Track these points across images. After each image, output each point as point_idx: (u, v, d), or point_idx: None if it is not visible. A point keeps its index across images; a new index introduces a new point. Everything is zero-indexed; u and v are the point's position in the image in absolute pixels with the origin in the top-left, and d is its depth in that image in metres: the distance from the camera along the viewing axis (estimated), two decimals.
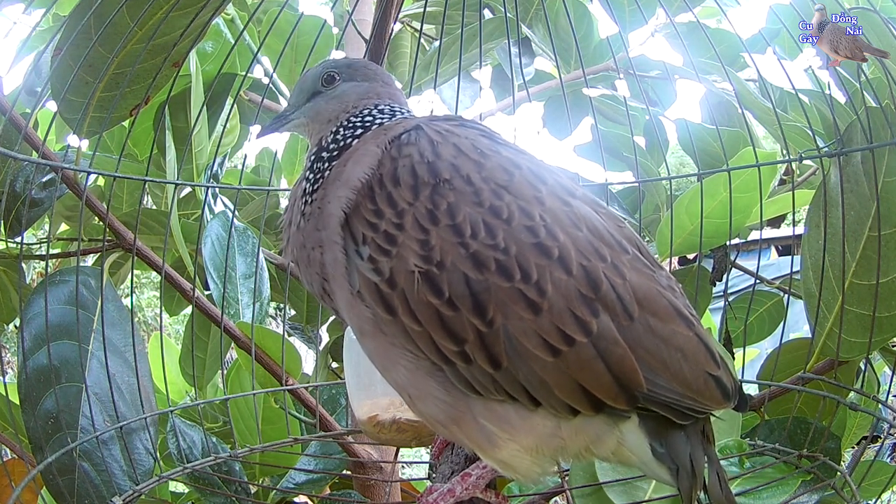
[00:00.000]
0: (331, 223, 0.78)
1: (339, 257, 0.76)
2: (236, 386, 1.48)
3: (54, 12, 1.85)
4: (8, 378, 2.12)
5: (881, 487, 1.29)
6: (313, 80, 0.91)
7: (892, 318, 1.18)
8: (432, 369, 0.73)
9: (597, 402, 0.71)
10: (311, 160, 0.87)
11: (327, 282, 0.80)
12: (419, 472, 2.62)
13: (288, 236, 0.86)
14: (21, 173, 1.49)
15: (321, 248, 0.79)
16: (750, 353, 1.91)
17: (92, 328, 1.28)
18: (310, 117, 0.91)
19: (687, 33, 1.72)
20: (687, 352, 0.73)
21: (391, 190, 0.74)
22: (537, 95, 2.02)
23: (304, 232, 0.82)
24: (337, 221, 0.77)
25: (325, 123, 0.89)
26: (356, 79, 0.91)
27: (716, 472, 0.78)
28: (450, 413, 0.74)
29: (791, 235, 2.22)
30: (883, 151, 1.13)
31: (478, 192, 0.73)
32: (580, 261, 0.71)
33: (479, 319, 0.70)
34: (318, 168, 0.84)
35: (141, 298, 5.21)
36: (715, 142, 1.61)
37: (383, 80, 0.93)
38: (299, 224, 0.83)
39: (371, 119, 0.87)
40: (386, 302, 0.73)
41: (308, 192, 0.83)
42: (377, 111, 0.88)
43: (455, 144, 0.77)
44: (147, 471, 1.20)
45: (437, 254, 0.71)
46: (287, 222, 0.86)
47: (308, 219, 0.81)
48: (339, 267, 0.76)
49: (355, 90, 0.90)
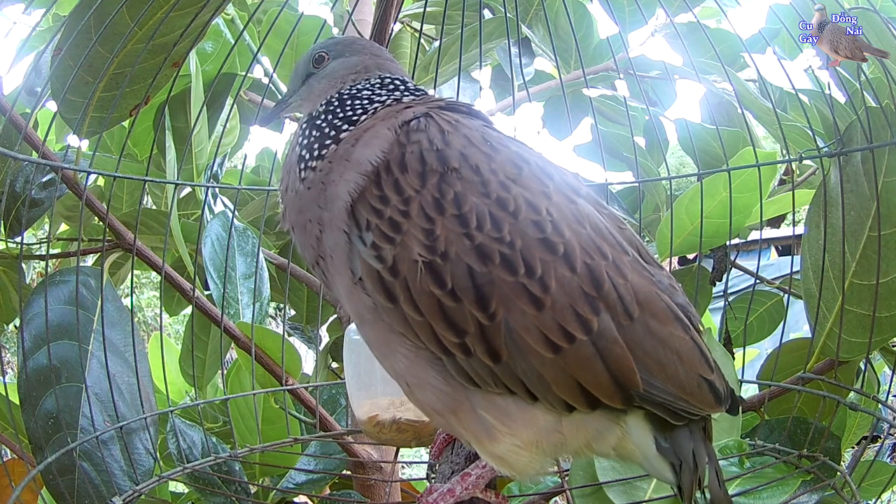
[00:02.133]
0: (335, 205, 0.77)
1: (340, 242, 0.76)
2: (236, 386, 1.48)
3: (54, 12, 1.85)
4: (8, 378, 2.12)
5: (881, 487, 1.29)
6: (305, 63, 0.92)
7: (892, 318, 1.18)
8: (431, 359, 0.73)
9: (593, 399, 0.71)
10: (302, 127, 0.86)
11: (322, 258, 0.79)
12: (419, 472, 2.62)
13: (285, 202, 0.85)
14: (21, 173, 1.49)
15: (321, 226, 0.78)
16: (750, 353, 1.91)
17: (92, 328, 1.28)
18: (305, 97, 0.91)
19: (687, 33, 1.72)
20: (683, 354, 0.73)
21: (398, 176, 0.74)
22: (537, 95, 2.02)
23: (303, 197, 0.81)
24: (342, 205, 0.76)
25: (317, 99, 0.89)
26: (345, 55, 0.91)
27: (714, 469, 0.78)
28: (448, 403, 0.74)
29: (791, 235, 2.23)
30: (883, 151, 1.13)
31: (485, 183, 0.72)
32: (584, 258, 0.71)
33: (481, 312, 0.69)
34: (314, 135, 0.83)
35: (141, 298, 5.21)
36: (715, 142, 1.61)
37: (372, 51, 0.92)
38: (297, 188, 0.82)
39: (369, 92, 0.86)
40: (387, 290, 0.72)
41: (306, 158, 0.82)
42: (369, 84, 0.87)
43: (465, 135, 0.77)
44: (147, 471, 1.20)
45: (442, 244, 0.70)
46: (284, 188, 0.85)
47: (309, 186, 0.80)
48: (341, 252, 0.76)
49: (344, 65, 0.90)
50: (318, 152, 0.82)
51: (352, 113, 0.84)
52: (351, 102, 0.85)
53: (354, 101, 0.85)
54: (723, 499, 0.78)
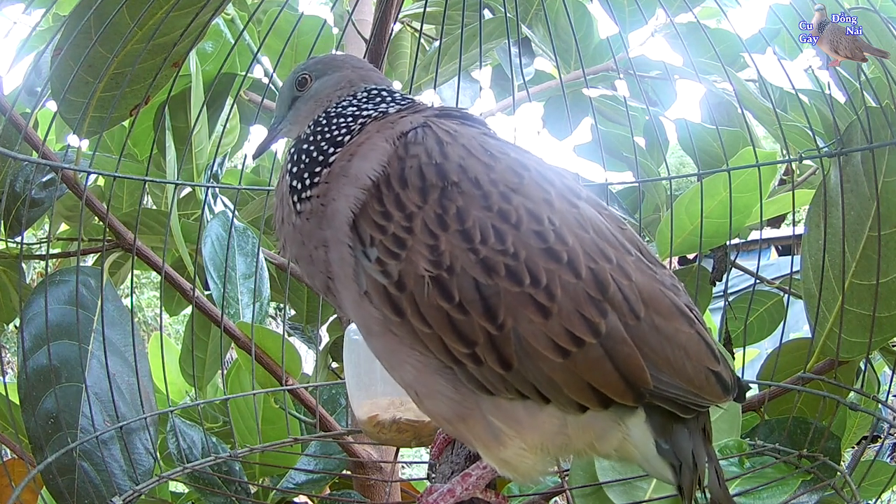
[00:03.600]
0: (337, 221, 0.76)
1: (346, 257, 0.76)
2: (236, 386, 1.48)
3: (54, 12, 1.85)
4: (8, 378, 2.12)
5: (881, 487, 1.29)
6: (289, 87, 0.92)
7: (892, 318, 1.18)
8: (441, 368, 0.73)
9: (605, 399, 0.72)
10: (290, 153, 0.85)
11: (332, 280, 0.79)
12: (419, 472, 2.62)
13: (283, 234, 0.84)
14: (21, 173, 1.49)
15: (325, 248, 0.78)
16: (750, 353, 1.91)
17: (92, 328, 1.28)
18: (293, 122, 0.91)
19: (687, 33, 1.72)
20: (689, 349, 0.73)
21: (399, 191, 0.74)
22: (537, 95, 2.02)
23: (303, 230, 0.80)
24: (345, 220, 0.76)
25: (304, 121, 0.89)
26: (327, 73, 0.91)
27: (714, 470, 0.79)
28: (457, 410, 0.75)
29: (791, 235, 2.22)
30: (883, 151, 1.13)
31: (487, 196, 0.73)
32: (588, 263, 0.72)
33: (489, 323, 0.70)
34: (303, 161, 0.83)
35: (141, 298, 5.20)
36: (715, 142, 1.61)
37: (353, 64, 0.92)
38: (294, 222, 0.81)
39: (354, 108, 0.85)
40: (394, 304, 0.72)
41: (297, 187, 0.81)
42: (356, 100, 0.87)
43: (464, 145, 0.76)
44: (147, 471, 1.20)
45: (447, 259, 0.70)
46: (279, 220, 0.84)
47: (308, 217, 0.80)
48: (346, 267, 0.76)
49: (327, 83, 0.90)
50: (309, 180, 0.81)
51: (337, 133, 0.84)
52: (336, 121, 0.85)
53: (339, 119, 0.85)
54: (723, 498, 0.79)
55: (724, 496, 0.79)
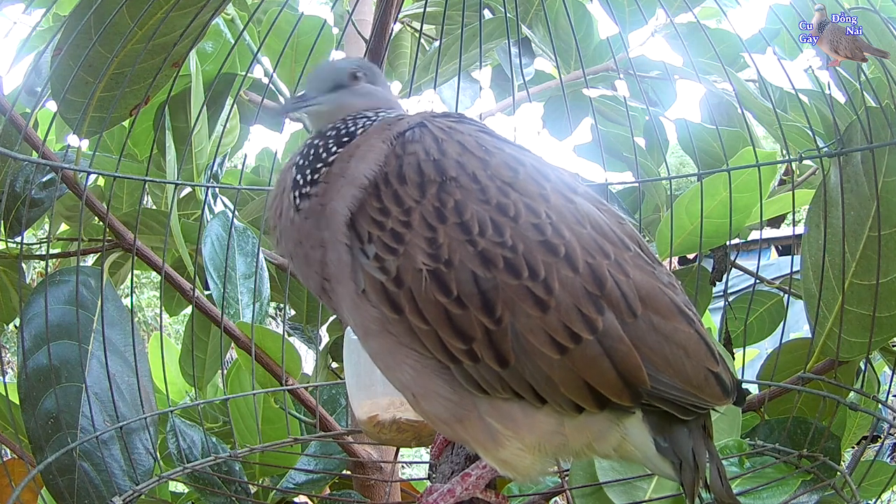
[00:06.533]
0: (335, 222, 0.77)
1: (343, 257, 0.76)
2: (236, 386, 1.48)
3: (54, 12, 1.85)
4: (8, 378, 2.12)
5: (881, 487, 1.29)
6: (337, 72, 0.90)
7: (892, 318, 1.18)
8: (438, 368, 0.73)
9: (602, 399, 0.71)
10: (305, 145, 0.85)
11: (328, 281, 0.79)
12: (419, 472, 2.62)
13: (279, 228, 0.83)
14: (21, 173, 1.49)
15: (323, 248, 0.78)
16: (750, 353, 1.91)
17: (92, 328, 1.28)
18: (335, 106, 0.88)
19: (687, 33, 1.72)
20: (688, 349, 0.73)
21: (397, 188, 0.74)
22: (537, 95, 2.02)
23: (301, 228, 0.80)
24: (342, 220, 0.76)
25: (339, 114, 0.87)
26: (376, 83, 0.92)
27: (716, 467, 0.78)
28: (455, 412, 0.75)
29: (791, 235, 2.22)
30: (883, 151, 1.13)
31: (484, 190, 0.73)
32: (586, 258, 0.72)
33: (487, 317, 0.70)
34: (311, 155, 0.82)
35: (141, 298, 5.20)
36: (715, 142, 1.61)
37: (387, 87, 0.95)
38: (293, 219, 0.81)
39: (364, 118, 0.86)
40: (392, 301, 0.72)
41: (300, 183, 0.81)
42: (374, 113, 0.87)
43: (459, 142, 0.77)
44: (147, 471, 1.20)
45: (445, 252, 0.71)
46: (276, 213, 0.83)
47: (306, 216, 0.80)
48: (344, 266, 0.76)
49: (378, 93, 0.90)
50: (311, 176, 0.81)
51: (345, 133, 0.84)
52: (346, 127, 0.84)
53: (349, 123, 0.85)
54: (726, 496, 0.78)
55: (726, 494, 0.78)
